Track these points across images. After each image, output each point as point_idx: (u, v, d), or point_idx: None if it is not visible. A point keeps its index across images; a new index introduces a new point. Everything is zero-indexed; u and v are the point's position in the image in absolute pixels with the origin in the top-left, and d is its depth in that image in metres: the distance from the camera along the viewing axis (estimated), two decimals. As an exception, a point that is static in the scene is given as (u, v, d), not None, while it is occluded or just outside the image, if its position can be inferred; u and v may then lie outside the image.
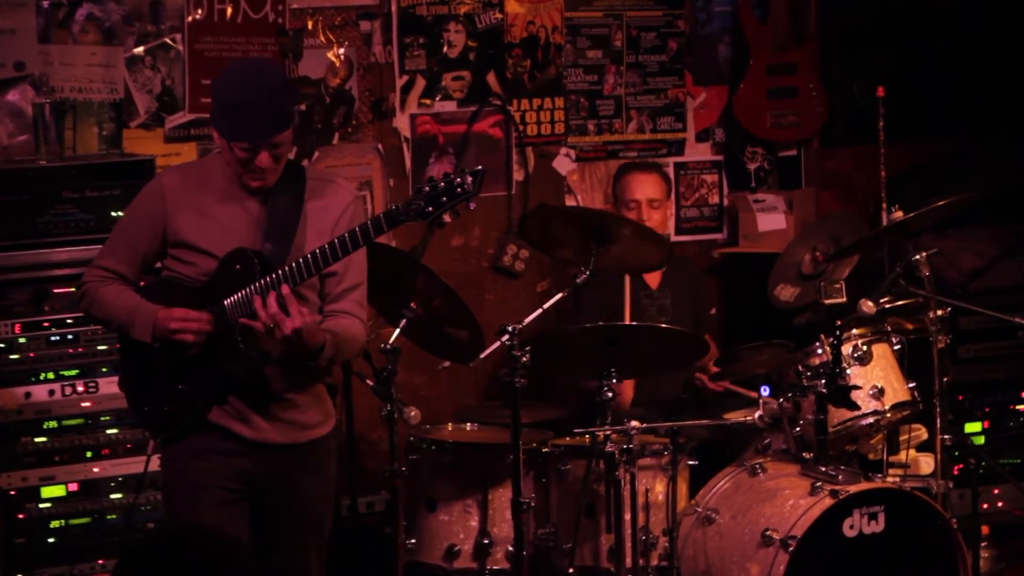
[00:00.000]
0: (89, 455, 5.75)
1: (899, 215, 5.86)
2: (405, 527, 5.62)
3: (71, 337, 5.74)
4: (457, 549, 5.70)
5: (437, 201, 4.33)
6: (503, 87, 6.86)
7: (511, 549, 5.57)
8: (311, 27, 6.53)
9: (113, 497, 5.77)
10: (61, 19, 6.12)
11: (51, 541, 5.70)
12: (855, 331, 5.75)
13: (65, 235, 5.69)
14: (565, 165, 7.01)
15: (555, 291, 5.78)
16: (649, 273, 6.40)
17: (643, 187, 6.36)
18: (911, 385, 5.79)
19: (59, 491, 5.71)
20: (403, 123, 6.71)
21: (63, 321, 5.72)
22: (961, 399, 6.67)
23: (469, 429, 6.02)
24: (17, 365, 5.68)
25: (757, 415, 5.69)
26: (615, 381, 5.49)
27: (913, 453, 5.97)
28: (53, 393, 5.72)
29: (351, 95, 6.61)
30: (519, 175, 6.91)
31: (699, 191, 7.25)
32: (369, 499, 6.56)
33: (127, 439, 5.77)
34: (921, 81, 7.30)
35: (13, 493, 5.65)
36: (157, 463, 4.92)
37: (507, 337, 5.24)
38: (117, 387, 4.86)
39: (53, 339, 5.72)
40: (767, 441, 5.87)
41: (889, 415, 5.75)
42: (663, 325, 6.04)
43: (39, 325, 5.71)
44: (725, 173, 7.30)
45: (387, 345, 5.29)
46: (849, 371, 5.61)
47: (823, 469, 5.52)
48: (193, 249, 4.58)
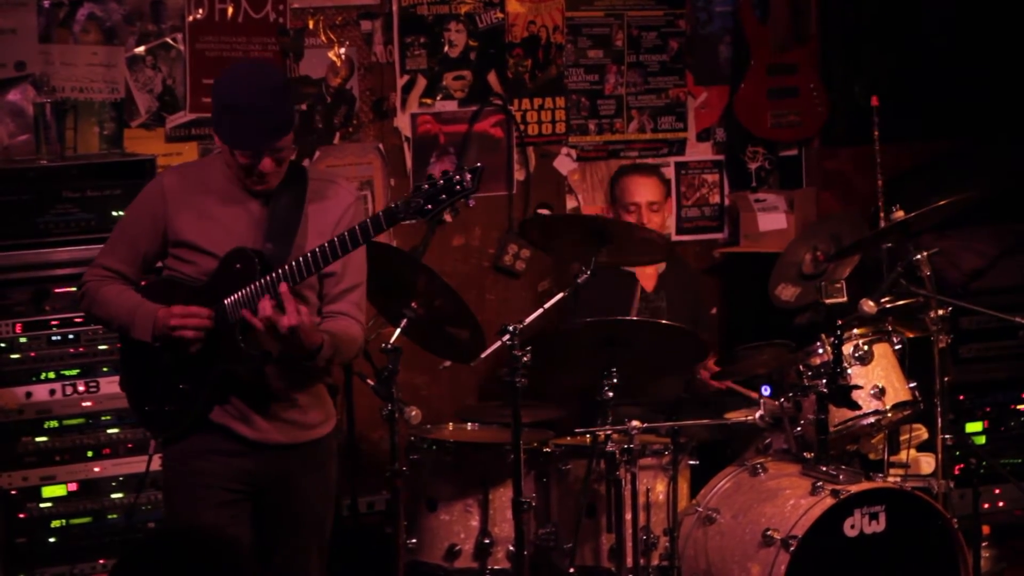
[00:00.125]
0: (90, 455, 5.75)
1: (900, 215, 5.86)
2: (406, 527, 5.62)
3: (72, 337, 5.73)
4: (458, 549, 5.70)
5: (436, 199, 4.32)
6: (504, 87, 6.86)
7: (512, 549, 5.57)
8: (312, 27, 6.53)
9: (114, 497, 5.76)
10: (62, 19, 6.12)
11: (52, 541, 5.70)
12: (856, 331, 5.75)
13: (66, 235, 5.69)
14: (566, 165, 7.01)
15: (556, 291, 5.78)
16: (645, 277, 6.40)
17: (642, 190, 6.35)
18: (912, 385, 5.79)
19: (60, 491, 5.71)
20: (404, 123, 6.71)
21: (64, 321, 5.72)
22: (962, 399, 6.67)
23: (470, 429, 6.02)
24: (18, 365, 5.68)
25: (758, 415, 5.69)
26: (615, 381, 5.50)
27: (914, 453, 5.97)
28: (54, 393, 5.71)
29: (352, 95, 6.61)
30: (520, 175, 6.91)
31: (700, 191, 7.25)
32: (370, 499, 6.56)
33: (128, 439, 5.77)
34: (921, 81, 7.30)
35: (14, 493, 5.65)
36: (158, 463, 4.92)
37: (508, 337, 5.24)
38: (118, 387, 4.86)
39: (54, 339, 5.72)
40: (768, 441, 5.86)
41: (890, 415, 5.74)
42: (663, 322, 6.04)
43: (40, 325, 5.70)
44: (726, 173, 7.30)
45: (388, 345, 5.28)
46: (850, 371, 5.60)
47: (824, 469, 5.52)
48: (194, 249, 4.57)
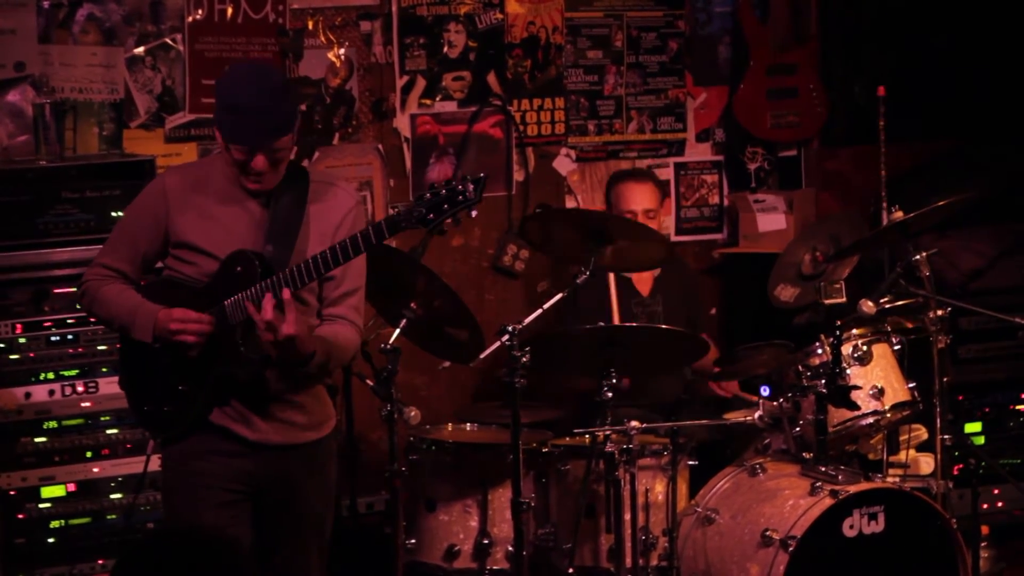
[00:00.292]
0: (89, 455, 5.75)
1: (899, 215, 5.86)
2: (405, 527, 5.62)
3: (71, 337, 5.74)
4: (457, 549, 5.70)
5: (439, 208, 4.30)
6: (503, 87, 6.86)
7: (511, 549, 5.57)
8: (311, 27, 6.53)
9: (113, 497, 5.77)
10: (61, 19, 6.12)
11: (51, 541, 5.70)
12: (855, 331, 5.75)
13: (65, 235, 5.69)
14: (565, 165, 7.01)
15: (555, 291, 5.77)
16: (641, 281, 6.39)
17: (638, 197, 6.33)
18: (911, 385, 5.79)
19: (59, 491, 5.71)
20: (403, 123, 6.71)
21: (63, 321, 5.72)
22: (961, 399, 6.66)
23: (469, 429, 6.02)
24: (17, 365, 5.68)
25: (757, 415, 5.69)
26: (614, 381, 5.51)
27: (913, 453, 5.97)
28: (53, 393, 5.71)
29: (351, 95, 6.61)
30: (519, 175, 6.91)
31: (699, 191, 7.25)
32: (369, 499, 6.56)
33: (127, 439, 5.77)
34: (921, 81, 7.30)
35: (13, 493, 5.65)
36: (157, 463, 4.91)
37: (507, 337, 5.24)
38: (117, 387, 4.86)
39: (53, 339, 5.72)
40: (767, 441, 5.86)
41: (889, 415, 5.74)
42: (662, 326, 6.04)
43: (39, 325, 5.71)
44: (725, 173, 7.30)
45: (387, 345, 5.28)
46: (849, 371, 5.60)
47: (823, 469, 5.52)
48: (195, 250, 4.57)
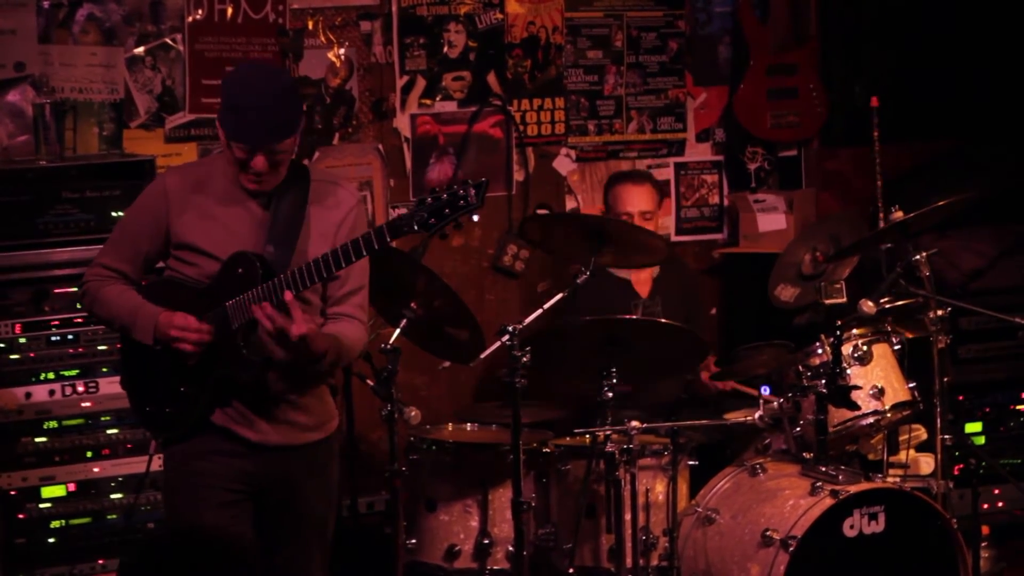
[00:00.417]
0: (89, 455, 5.75)
1: (899, 215, 5.86)
2: (405, 527, 5.62)
3: (71, 337, 5.73)
4: (457, 549, 5.70)
5: (440, 213, 4.29)
6: (503, 87, 6.86)
7: (511, 549, 5.57)
8: (311, 27, 6.53)
9: (113, 497, 5.76)
10: (61, 19, 6.12)
11: (51, 541, 5.70)
12: (855, 331, 5.75)
13: (65, 235, 5.69)
14: (565, 165, 7.01)
15: (555, 291, 5.77)
16: (640, 283, 6.39)
17: (635, 199, 6.31)
18: (911, 385, 5.79)
19: (59, 491, 5.71)
20: (403, 123, 6.71)
21: (63, 321, 5.72)
22: (961, 399, 6.67)
23: (469, 429, 6.02)
24: (17, 365, 5.68)
25: (757, 415, 5.68)
26: (615, 381, 5.50)
27: (913, 453, 5.96)
28: (53, 393, 5.71)
29: (351, 95, 6.61)
30: (519, 175, 6.91)
31: (699, 191, 7.25)
32: (369, 499, 6.56)
33: (127, 439, 5.77)
34: (921, 81, 7.30)
35: (13, 493, 5.65)
36: (158, 463, 4.91)
37: (507, 337, 5.24)
38: (118, 387, 4.86)
39: (53, 339, 5.72)
40: (767, 441, 5.86)
41: (889, 415, 5.74)
42: (663, 320, 6.03)
43: (39, 325, 5.70)
44: (725, 173, 7.30)
45: (387, 345, 5.28)
46: (849, 371, 5.60)
47: (823, 469, 5.52)
48: (196, 251, 4.56)
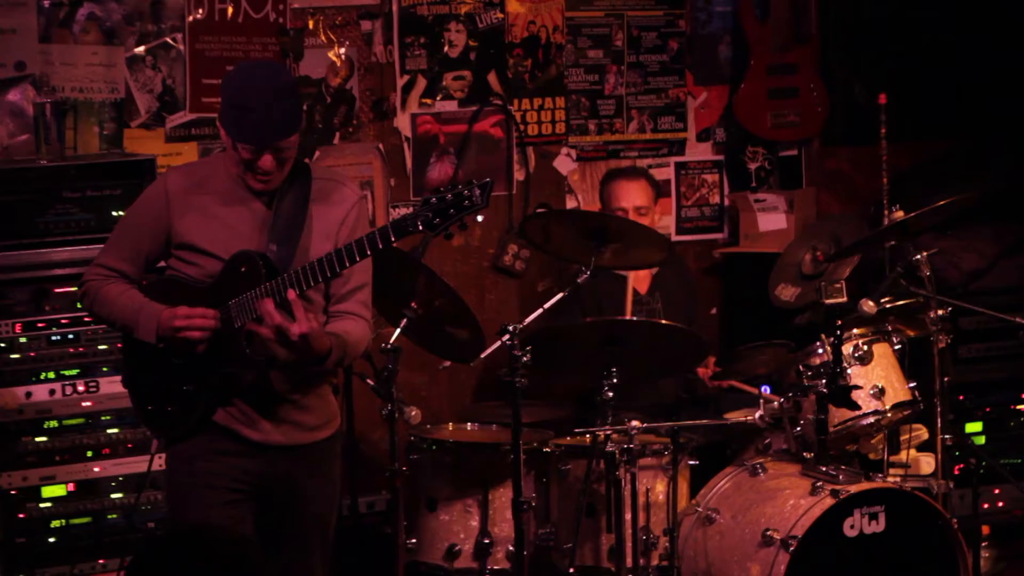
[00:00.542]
0: (90, 455, 5.74)
1: (899, 215, 5.86)
2: (405, 527, 5.62)
3: (72, 337, 5.73)
4: (458, 549, 5.70)
5: (445, 213, 4.29)
6: (504, 87, 6.86)
7: (512, 549, 5.57)
8: (312, 27, 6.53)
9: (113, 497, 5.76)
10: (62, 19, 6.12)
11: (51, 541, 5.70)
12: (856, 331, 5.75)
13: (66, 235, 5.69)
14: (566, 165, 7.01)
15: (556, 291, 5.78)
16: (638, 279, 6.39)
17: (629, 195, 6.33)
18: (912, 385, 5.79)
19: (59, 491, 5.71)
20: (404, 123, 6.71)
21: (64, 321, 5.72)
22: (962, 399, 6.67)
23: (470, 429, 6.02)
24: (18, 365, 5.68)
25: (758, 415, 5.69)
26: (615, 381, 5.50)
27: (914, 453, 5.97)
28: (54, 393, 5.71)
29: (352, 95, 6.61)
30: (520, 175, 6.91)
31: (700, 191, 7.25)
32: (370, 499, 6.56)
33: (128, 439, 5.77)
34: (921, 81, 7.30)
35: (14, 493, 5.65)
36: (159, 463, 4.91)
37: (508, 337, 5.24)
38: (118, 386, 4.86)
39: (54, 339, 5.72)
40: (768, 441, 5.87)
41: (890, 415, 5.74)
42: (663, 322, 6.04)
43: (40, 325, 5.71)
44: (726, 173, 7.30)
45: (388, 345, 5.28)
46: (850, 371, 5.61)
47: (824, 469, 5.52)
48: (197, 251, 4.55)
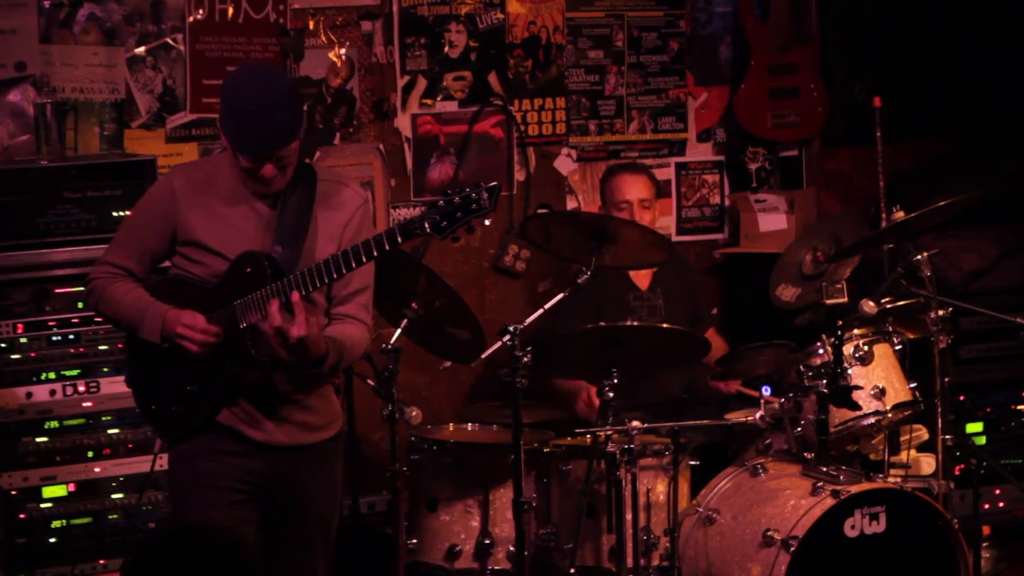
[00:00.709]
0: (90, 455, 5.74)
1: (900, 215, 5.86)
2: (406, 527, 5.62)
3: (72, 337, 5.73)
4: (458, 549, 5.70)
5: (452, 217, 4.27)
6: (504, 87, 6.86)
7: (512, 549, 5.57)
8: (312, 27, 6.53)
9: (114, 497, 5.76)
10: (62, 19, 6.12)
11: (52, 541, 5.70)
12: (856, 331, 5.75)
13: (66, 235, 5.69)
14: (566, 165, 7.01)
15: (556, 291, 5.78)
16: (639, 276, 6.38)
17: (633, 188, 6.34)
18: (912, 385, 5.79)
19: (60, 491, 5.71)
20: (404, 123, 6.71)
21: (64, 321, 5.72)
22: (962, 399, 6.67)
23: (470, 429, 6.02)
24: (18, 365, 5.68)
25: (758, 415, 5.68)
26: (615, 381, 5.51)
27: (914, 453, 5.97)
28: (54, 393, 5.71)
29: (352, 95, 6.61)
30: (520, 175, 6.91)
31: (700, 191, 7.25)
32: (370, 499, 6.56)
33: (128, 439, 5.77)
34: (922, 81, 7.30)
35: (14, 493, 5.65)
36: (161, 463, 4.91)
37: (508, 337, 5.24)
38: (119, 387, 4.87)
39: (54, 339, 5.72)
40: (768, 441, 5.87)
41: (890, 415, 5.74)
42: (664, 326, 6.04)
43: (40, 325, 5.70)
44: (726, 173, 7.30)
45: (388, 345, 5.28)
46: (850, 371, 5.60)
47: (824, 469, 5.52)
48: (204, 249, 4.56)
